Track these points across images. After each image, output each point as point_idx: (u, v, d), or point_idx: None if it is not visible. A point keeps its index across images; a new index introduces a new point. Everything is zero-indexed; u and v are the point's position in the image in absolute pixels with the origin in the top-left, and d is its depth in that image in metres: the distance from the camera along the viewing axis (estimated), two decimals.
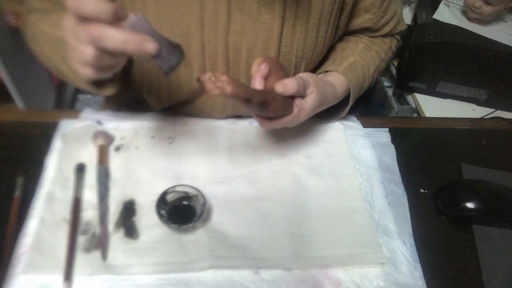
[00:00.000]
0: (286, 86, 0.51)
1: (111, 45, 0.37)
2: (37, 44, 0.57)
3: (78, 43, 0.38)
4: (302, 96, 0.55)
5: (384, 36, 0.72)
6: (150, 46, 0.38)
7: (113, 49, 0.37)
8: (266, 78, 0.53)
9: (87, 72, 0.41)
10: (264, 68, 0.53)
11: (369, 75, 0.68)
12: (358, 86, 0.65)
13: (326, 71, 0.65)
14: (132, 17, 0.39)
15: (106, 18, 0.36)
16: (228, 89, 0.44)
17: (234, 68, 0.60)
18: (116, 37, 0.37)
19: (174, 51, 0.43)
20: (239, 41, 0.58)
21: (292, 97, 0.54)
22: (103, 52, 0.38)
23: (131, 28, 0.39)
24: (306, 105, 0.55)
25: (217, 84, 0.44)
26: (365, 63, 0.67)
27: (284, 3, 0.56)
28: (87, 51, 0.38)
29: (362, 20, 0.67)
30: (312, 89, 0.55)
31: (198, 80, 0.45)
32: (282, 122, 0.54)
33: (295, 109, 0.54)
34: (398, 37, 0.76)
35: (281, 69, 0.55)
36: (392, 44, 0.74)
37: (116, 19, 0.37)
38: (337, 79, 0.63)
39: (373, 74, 0.69)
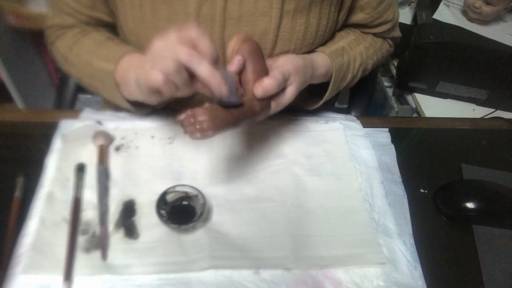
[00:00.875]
0: (266, 89, 0.51)
1: (201, 71, 0.44)
2: (74, 69, 0.63)
3: (166, 54, 0.44)
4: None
5: (375, 35, 0.72)
6: (224, 90, 0.45)
7: (200, 75, 0.44)
8: (241, 68, 0.52)
9: (159, 79, 0.45)
10: (238, 62, 0.51)
11: (354, 67, 0.67)
12: (341, 72, 0.64)
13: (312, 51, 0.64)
14: (229, 71, 0.48)
15: (209, 55, 0.45)
16: (209, 133, 0.45)
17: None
18: (209, 69, 0.44)
19: (235, 95, 0.49)
20: (235, 35, 0.58)
21: None
22: (186, 74, 0.45)
23: (222, 74, 0.45)
24: (283, 99, 0.54)
25: (196, 126, 0.45)
26: (352, 53, 0.67)
27: None
28: (170, 64, 0.43)
29: (356, 18, 0.67)
30: (292, 80, 0.54)
31: (179, 120, 0.46)
32: (259, 117, 0.53)
33: (272, 104, 0.53)
34: (391, 43, 0.75)
35: (258, 54, 0.53)
36: (383, 46, 0.73)
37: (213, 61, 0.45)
38: (320, 60, 0.62)
39: (358, 67, 0.67)
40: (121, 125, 0.63)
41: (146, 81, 0.47)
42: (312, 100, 0.67)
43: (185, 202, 0.53)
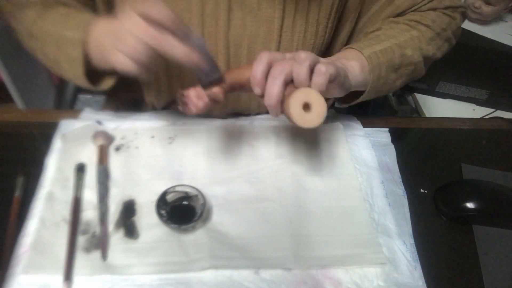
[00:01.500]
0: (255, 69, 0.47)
1: (178, 55, 0.41)
2: (38, 42, 0.57)
3: (132, 38, 0.41)
4: None
5: (425, 12, 0.62)
6: (204, 65, 0.43)
7: (176, 58, 0.42)
8: None
9: (127, 64, 0.43)
10: None
11: (403, 57, 0.58)
12: (381, 73, 0.56)
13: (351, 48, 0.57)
14: (196, 35, 0.44)
15: (172, 27, 0.41)
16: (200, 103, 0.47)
17: (234, 63, 0.60)
18: (182, 50, 0.41)
19: (216, 69, 0.47)
20: (240, 36, 0.58)
21: None
22: (156, 55, 0.42)
23: (193, 45, 0.43)
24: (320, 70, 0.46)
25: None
26: (399, 47, 0.58)
27: None
28: (140, 48, 0.41)
29: (392, 8, 0.61)
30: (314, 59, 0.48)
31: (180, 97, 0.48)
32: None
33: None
34: (453, 14, 0.63)
35: None
36: (447, 25, 0.62)
37: (181, 34, 0.42)
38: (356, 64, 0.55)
39: (412, 55, 0.58)
40: (121, 125, 0.63)
41: (108, 63, 0.45)
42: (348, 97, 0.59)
43: (185, 202, 0.53)
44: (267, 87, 0.46)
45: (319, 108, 0.45)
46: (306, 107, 0.45)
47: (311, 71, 0.46)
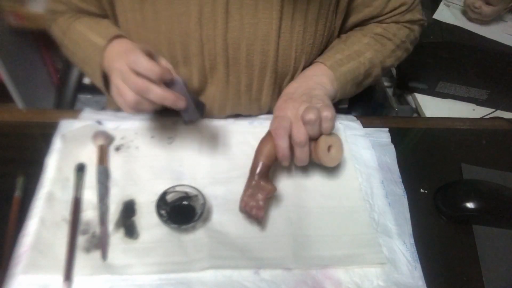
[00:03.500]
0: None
1: (153, 98, 0.48)
2: (69, 52, 0.65)
3: (124, 88, 0.49)
4: None
5: (388, 23, 0.68)
6: (180, 104, 0.50)
7: (154, 101, 0.48)
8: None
9: (128, 110, 0.50)
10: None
11: (360, 73, 0.65)
12: (348, 82, 0.64)
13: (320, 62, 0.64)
14: (176, 78, 0.51)
15: (154, 78, 0.47)
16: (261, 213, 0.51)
17: (233, 65, 0.60)
18: (158, 93, 0.48)
19: (197, 109, 0.53)
20: (238, 38, 0.58)
21: None
22: (145, 99, 0.48)
23: (172, 86, 0.50)
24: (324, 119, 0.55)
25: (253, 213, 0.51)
26: (361, 60, 0.64)
27: None
28: (130, 97, 0.48)
29: (362, 14, 0.66)
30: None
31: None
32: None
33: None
34: (413, 27, 0.70)
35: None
36: (406, 37, 0.69)
37: (162, 80, 0.48)
38: (326, 75, 0.62)
39: (365, 71, 0.65)
40: (121, 125, 0.63)
41: (116, 101, 0.51)
42: None
43: (185, 202, 0.53)
44: (298, 156, 0.54)
45: (339, 147, 0.56)
46: (329, 148, 0.55)
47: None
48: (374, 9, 0.66)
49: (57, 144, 0.59)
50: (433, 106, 1.16)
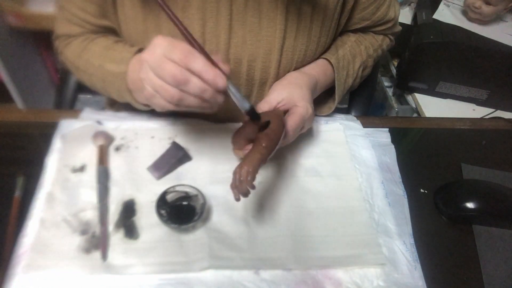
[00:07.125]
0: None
1: (192, 90, 0.43)
2: (85, 74, 0.62)
3: (165, 85, 0.43)
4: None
5: (376, 33, 0.72)
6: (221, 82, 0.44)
7: (192, 93, 0.43)
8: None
9: (169, 107, 0.46)
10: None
11: (353, 71, 0.68)
12: (342, 82, 0.66)
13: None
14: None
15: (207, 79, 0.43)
16: (251, 176, 0.48)
17: (234, 79, 0.61)
18: (197, 85, 0.43)
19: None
20: (240, 54, 0.58)
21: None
22: (185, 93, 0.44)
23: None
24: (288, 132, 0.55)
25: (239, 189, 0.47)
26: (352, 58, 0.68)
27: (286, 16, 0.56)
28: (172, 92, 0.43)
29: (355, 26, 0.69)
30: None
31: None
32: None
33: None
34: (392, 37, 0.76)
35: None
36: (383, 42, 0.74)
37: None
38: (321, 71, 0.64)
39: (357, 70, 0.69)
40: (121, 125, 0.63)
41: (153, 106, 0.48)
42: (323, 107, 0.70)
43: (185, 202, 0.53)
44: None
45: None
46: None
47: None
48: (370, 22, 0.68)
49: (57, 144, 0.59)
50: (433, 106, 1.16)
